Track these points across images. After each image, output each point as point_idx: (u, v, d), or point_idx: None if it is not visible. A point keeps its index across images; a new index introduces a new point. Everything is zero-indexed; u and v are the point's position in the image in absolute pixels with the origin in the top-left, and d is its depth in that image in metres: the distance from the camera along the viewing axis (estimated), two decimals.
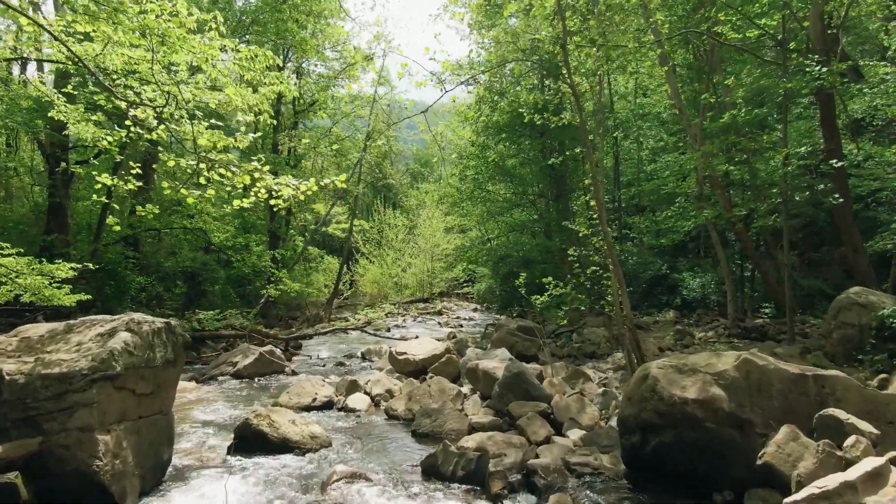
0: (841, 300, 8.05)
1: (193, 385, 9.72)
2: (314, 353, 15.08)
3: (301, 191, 5.01)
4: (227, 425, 7.13)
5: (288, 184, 4.75)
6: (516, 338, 11.85)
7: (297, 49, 20.52)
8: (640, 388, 4.86)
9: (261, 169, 4.78)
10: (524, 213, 22.23)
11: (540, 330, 11.69)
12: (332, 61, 26.41)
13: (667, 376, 4.69)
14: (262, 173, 4.76)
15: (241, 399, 8.86)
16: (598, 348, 11.58)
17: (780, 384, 4.44)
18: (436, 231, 32.52)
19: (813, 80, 8.10)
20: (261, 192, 5.00)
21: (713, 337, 11.41)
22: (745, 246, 13.36)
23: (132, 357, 4.88)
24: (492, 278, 22.29)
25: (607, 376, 9.37)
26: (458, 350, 12.54)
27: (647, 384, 4.80)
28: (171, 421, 5.66)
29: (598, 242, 7.51)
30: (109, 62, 5.95)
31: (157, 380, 5.30)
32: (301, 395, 8.17)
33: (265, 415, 6.25)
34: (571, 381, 7.98)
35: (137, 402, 5.06)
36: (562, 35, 6.77)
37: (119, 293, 16.09)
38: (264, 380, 10.34)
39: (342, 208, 35.28)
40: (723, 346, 10.63)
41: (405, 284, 31.80)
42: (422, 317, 25.15)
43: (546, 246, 18.70)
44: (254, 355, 10.61)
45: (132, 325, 5.13)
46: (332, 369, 12.31)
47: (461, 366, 9.73)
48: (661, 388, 4.64)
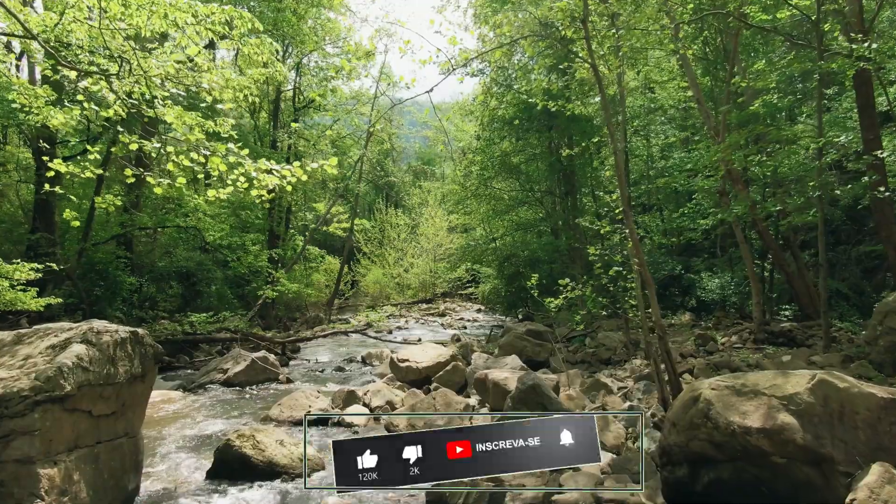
0: (889, 303, 7.28)
1: (179, 394, 9.02)
2: (313, 356, 14.42)
3: (286, 178, 4.28)
4: (210, 443, 6.41)
5: (268, 167, 4.03)
6: (526, 342, 11.12)
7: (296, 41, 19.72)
8: (689, 412, 4.10)
9: (236, 151, 4.05)
10: (530, 212, 21.48)
11: (555, 335, 10.94)
12: (332, 57, 25.64)
13: (722, 399, 3.94)
14: (239, 157, 4.03)
15: (230, 411, 8.14)
16: (615, 354, 10.83)
17: (868, 412, 3.68)
18: (439, 230, 31.79)
19: (855, 62, 7.35)
20: (240, 180, 4.29)
21: (738, 342, 10.64)
22: (768, 244, 12.58)
23: (87, 373, 4.15)
24: (497, 279, 21.51)
25: (627, 386, 8.63)
26: (462, 355, 11.82)
27: (697, 408, 4.04)
28: (139, 444, 4.94)
29: (622, 240, 6.76)
30: (74, 38, 5.25)
31: (121, 398, 4.59)
32: (293, 409, 7.45)
33: (249, 435, 5.52)
34: (591, 394, 7.23)
35: (95, 425, 4.34)
36: (583, 9, 6.03)
37: (110, 294, 15.40)
38: (256, 388, 9.62)
39: (343, 207, 34.58)
40: (749, 351, 9.87)
41: (407, 285, 31.06)
42: (424, 318, 24.44)
43: (554, 245, 17.94)
44: (245, 362, 9.90)
45: (90, 335, 4.41)
46: (330, 375, 11.61)
47: (468, 375, 8.99)
48: (717, 413, 3.88)
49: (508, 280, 19.41)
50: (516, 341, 11.15)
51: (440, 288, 32.69)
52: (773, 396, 3.79)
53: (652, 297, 6.04)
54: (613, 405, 6.53)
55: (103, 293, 15.07)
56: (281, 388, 9.60)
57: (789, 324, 10.99)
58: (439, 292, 32.68)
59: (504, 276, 19.78)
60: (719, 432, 3.83)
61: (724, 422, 3.83)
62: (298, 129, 25.87)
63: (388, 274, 30.93)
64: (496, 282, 21.81)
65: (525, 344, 11.05)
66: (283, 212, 24.92)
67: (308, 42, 21.45)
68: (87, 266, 14.94)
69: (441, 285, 32.59)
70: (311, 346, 16.19)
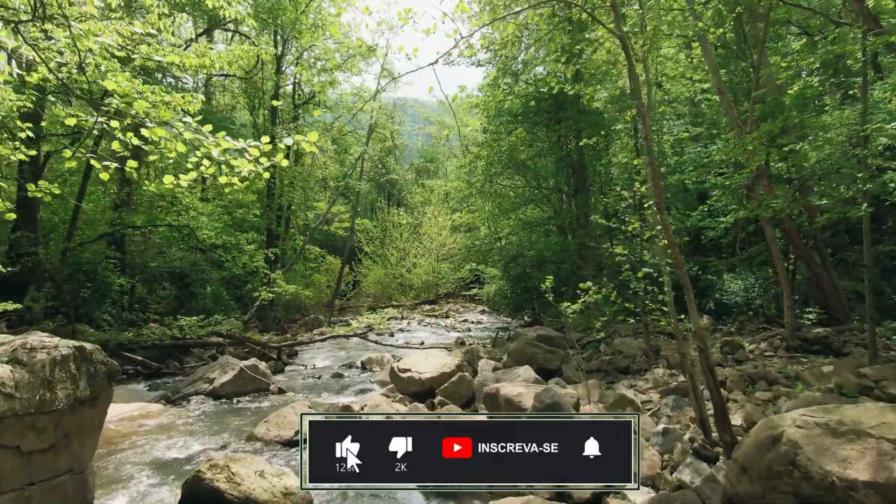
0: None
1: (159, 408, 8.23)
2: (310, 361, 13.67)
3: (262, 164, 3.48)
4: (184, 470, 5.61)
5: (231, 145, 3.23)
6: (537, 349, 10.31)
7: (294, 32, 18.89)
8: (767, 456, 3.28)
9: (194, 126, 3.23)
10: (537, 210, 20.65)
11: (569, 340, 10.12)
12: (334, 52, 24.84)
13: (814, 441, 3.11)
14: (191, 129, 3.23)
15: (212, 427, 7.35)
16: (634, 362, 10.00)
17: None
18: (442, 230, 30.97)
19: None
20: (204, 163, 3.50)
21: (768, 349, 9.80)
22: (795, 243, 11.75)
23: (11, 401, 3.37)
24: (502, 279, 20.64)
25: (651, 399, 7.81)
26: (468, 361, 11.02)
27: (779, 452, 3.19)
28: (88, 481, 4.15)
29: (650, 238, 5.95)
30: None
31: (62, 428, 3.80)
32: (281, 426, 6.65)
33: (223, 465, 4.71)
34: (616, 411, 6.42)
35: (26, 463, 3.55)
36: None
37: (98, 296, 14.64)
38: (245, 400, 8.82)
39: (345, 206, 33.79)
40: (782, 360, 9.05)
41: (410, 285, 30.25)
42: (427, 320, 23.65)
43: (564, 244, 17.08)
44: (233, 371, 9.09)
45: (21, 353, 3.62)
46: (326, 383, 10.83)
47: (476, 387, 8.18)
48: (807, 459, 3.05)
49: (514, 281, 18.57)
50: (527, 348, 10.34)
51: (443, 289, 31.90)
52: (884, 439, 2.95)
53: (690, 301, 5.23)
54: (645, 427, 5.71)
55: (91, 295, 14.31)
56: (271, 401, 8.80)
57: (822, 329, 10.14)
58: (442, 293, 31.89)
59: (510, 277, 18.92)
60: (811, 484, 2.99)
61: (817, 471, 2.99)
62: (298, 126, 25.13)
63: (390, 274, 30.13)
64: (501, 283, 20.96)
65: (536, 351, 10.25)
66: (281, 210, 24.15)
67: (306, 34, 20.65)
68: (75, 267, 14.18)
69: (444, 286, 31.79)
70: (310, 350, 15.43)
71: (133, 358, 11.99)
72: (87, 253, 14.53)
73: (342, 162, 33.74)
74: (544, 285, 7.58)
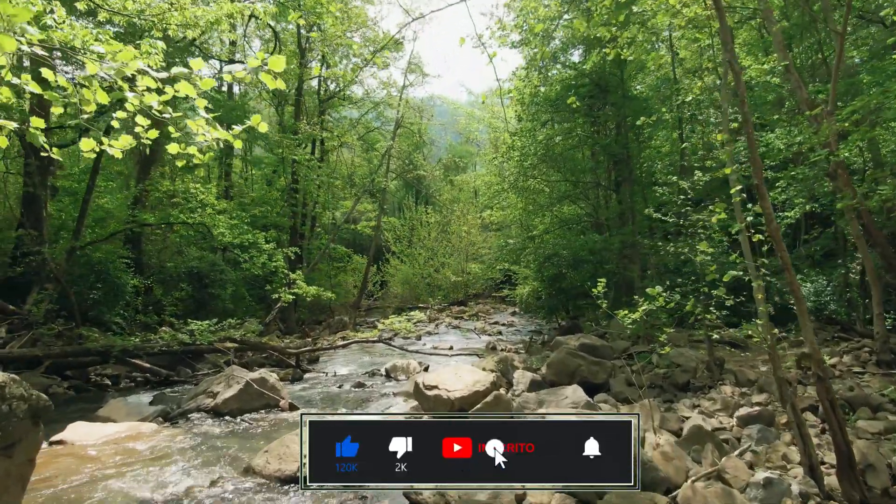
0: None
1: (152, 428, 7.24)
2: (332, 367, 12.76)
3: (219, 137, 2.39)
4: None
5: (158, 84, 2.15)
6: (580, 360, 9.09)
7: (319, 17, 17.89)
8: None
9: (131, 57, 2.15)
10: (573, 206, 19.33)
11: (622, 353, 8.89)
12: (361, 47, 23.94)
13: None
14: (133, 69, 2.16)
15: (206, 455, 6.31)
16: (694, 377, 8.69)
17: None
18: (471, 228, 29.77)
19: None
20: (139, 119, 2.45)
21: (854, 364, 8.39)
22: (876, 241, 10.28)
23: None
24: (535, 280, 19.32)
25: (724, 426, 6.53)
26: (502, 372, 9.85)
27: None
28: None
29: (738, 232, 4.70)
30: None
31: None
32: (283, 458, 5.57)
33: None
34: (693, 448, 5.16)
35: None
36: None
37: (111, 298, 13.89)
38: (249, 419, 7.78)
39: (372, 205, 32.87)
40: (876, 378, 7.64)
41: (438, 286, 29.12)
42: (456, 322, 22.51)
43: (605, 243, 15.74)
44: (238, 385, 8.07)
45: None
46: (346, 394, 9.81)
47: (515, 409, 6.98)
48: None
49: (549, 282, 17.25)
50: (569, 359, 9.13)
51: (473, 289, 30.73)
52: None
53: (802, 315, 3.97)
54: (737, 474, 4.44)
55: (102, 296, 13.56)
56: (279, 420, 7.75)
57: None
58: (472, 294, 30.73)
59: (544, 278, 17.60)
60: None
61: None
62: (323, 122, 24.28)
63: (417, 274, 29.06)
64: (535, 284, 19.66)
65: (580, 363, 9.03)
66: (305, 208, 23.25)
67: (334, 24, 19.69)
68: (86, 267, 13.44)
69: (474, 286, 30.62)
70: (333, 354, 14.49)
71: (140, 365, 11.14)
72: (99, 252, 13.77)
73: (370, 160, 32.90)
74: (595, 290, 6.35)
